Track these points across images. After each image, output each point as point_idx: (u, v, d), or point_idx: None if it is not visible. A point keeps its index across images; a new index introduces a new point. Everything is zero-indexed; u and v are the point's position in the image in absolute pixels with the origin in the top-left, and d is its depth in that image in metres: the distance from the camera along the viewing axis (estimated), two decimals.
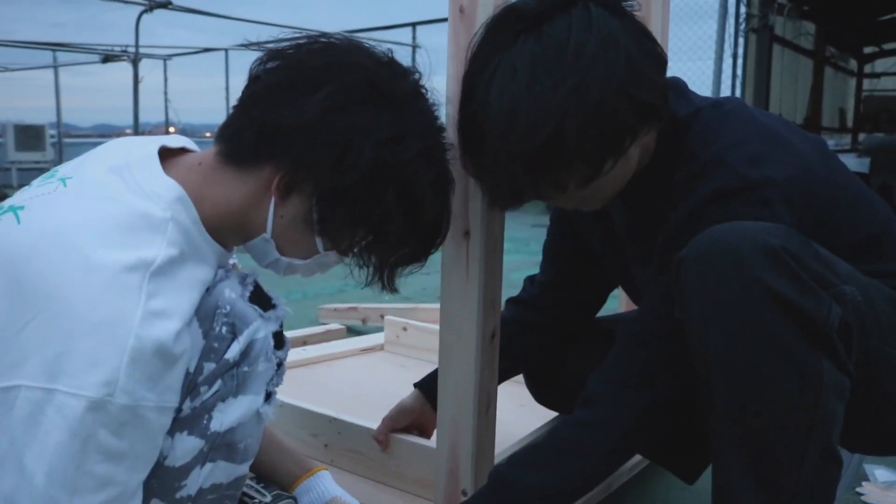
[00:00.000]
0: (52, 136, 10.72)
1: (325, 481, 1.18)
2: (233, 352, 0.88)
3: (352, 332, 2.81)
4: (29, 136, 9.99)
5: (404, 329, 2.25)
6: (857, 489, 1.62)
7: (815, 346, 0.90)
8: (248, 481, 1.16)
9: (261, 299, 0.93)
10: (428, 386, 1.36)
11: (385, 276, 0.97)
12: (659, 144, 1.08)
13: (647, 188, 1.10)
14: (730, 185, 0.99)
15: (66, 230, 0.82)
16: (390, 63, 0.95)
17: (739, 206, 0.97)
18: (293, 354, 2.07)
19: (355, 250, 0.97)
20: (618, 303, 1.97)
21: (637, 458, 1.56)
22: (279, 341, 0.95)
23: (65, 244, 0.81)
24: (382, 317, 2.50)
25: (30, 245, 0.82)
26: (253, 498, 1.13)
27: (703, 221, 0.96)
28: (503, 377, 1.31)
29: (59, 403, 0.75)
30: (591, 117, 0.93)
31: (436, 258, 1.11)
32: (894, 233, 1.12)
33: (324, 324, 2.90)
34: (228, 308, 0.89)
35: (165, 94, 11.91)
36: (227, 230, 0.93)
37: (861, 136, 9.07)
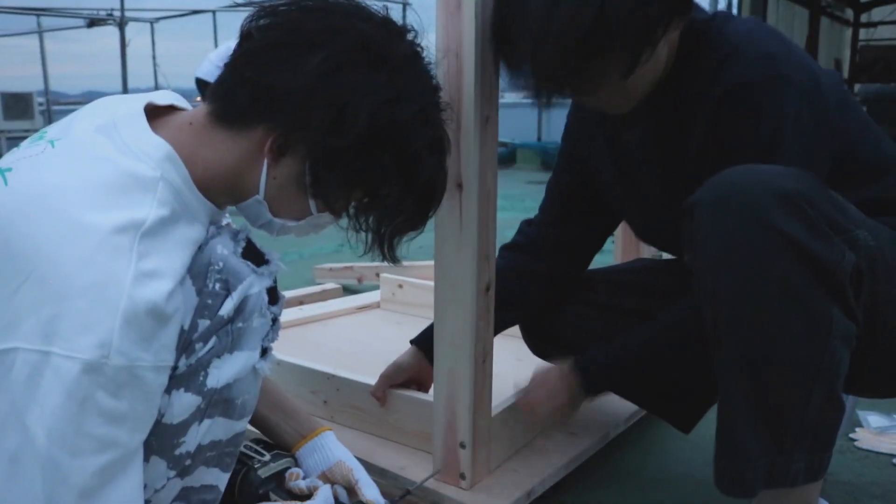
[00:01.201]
0: (41, 104, 10.59)
1: (329, 442, 1.18)
2: (227, 308, 0.88)
3: (348, 291, 2.81)
4: (17, 104, 9.86)
5: (400, 286, 2.25)
6: (851, 435, 1.64)
7: (827, 293, 0.90)
8: (247, 442, 1.17)
9: (253, 255, 0.93)
10: (424, 342, 1.36)
11: (385, 246, 0.96)
12: (680, 48, 1.10)
13: (668, 97, 1.12)
14: (751, 74, 1.03)
15: (54, 192, 0.81)
16: (386, 22, 0.93)
17: (761, 94, 1.02)
18: (290, 314, 2.09)
19: (350, 213, 0.96)
20: (612, 257, 1.98)
21: (633, 408, 1.57)
22: (273, 297, 0.94)
23: (53, 206, 0.80)
24: (378, 275, 2.50)
25: (18, 208, 0.81)
26: (252, 458, 1.13)
27: (728, 110, 1.03)
28: (500, 328, 1.31)
29: (56, 366, 0.75)
30: (634, 2, 0.95)
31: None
32: None
33: (320, 283, 2.91)
34: (221, 264, 0.88)
35: (154, 58, 11.77)
36: (219, 191, 0.92)
37: (857, 87, 8.99)
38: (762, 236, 0.89)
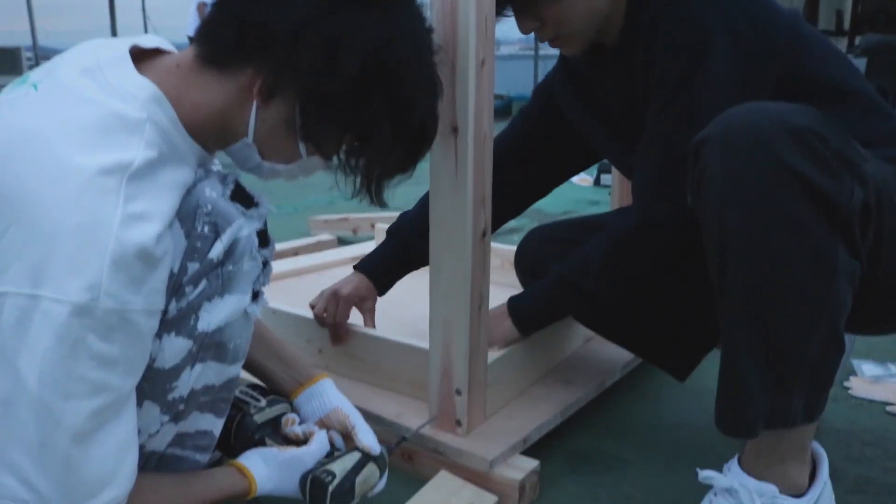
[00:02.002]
0: (29, 59, 10.44)
1: (326, 389, 1.18)
2: (216, 251, 0.86)
3: (343, 242, 2.80)
4: (5, 58, 9.74)
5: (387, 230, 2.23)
6: (845, 383, 1.65)
7: (834, 230, 0.89)
8: (243, 388, 1.17)
9: (242, 198, 0.91)
10: (366, 266, 1.46)
11: (373, 189, 0.94)
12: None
13: (623, 50, 1.20)
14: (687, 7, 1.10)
15: (38, 134, 0.79)
16: None
17: (693, 10, 1.09)
18: (285, 265, 2.07)
19: (341, 156, 0.94)
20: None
21: (629, 357, 1.58)
22: (264, 240, 0.93)
23: (38, 149, 0.78)
24: (373, 226, 2.48)
25: (1, 152, 0.79)
26: (248, 403, 1.13)
27: (663, 23, 1.10)
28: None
29: (45, 309, 0.74)
30: None
31: (424, 167, 1.08)
32: (866, 91, 1.13)
33: (314, 235, 2.89)
34: (210, 207, 0.86)
35: (143, 10, 11.55)
36: (207, 134, 0.90)
37: (858, 40, 8.87)
38: (771, 172, 0.87)
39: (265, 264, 0.93)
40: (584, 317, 1.39)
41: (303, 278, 2.06)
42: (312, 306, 1.45)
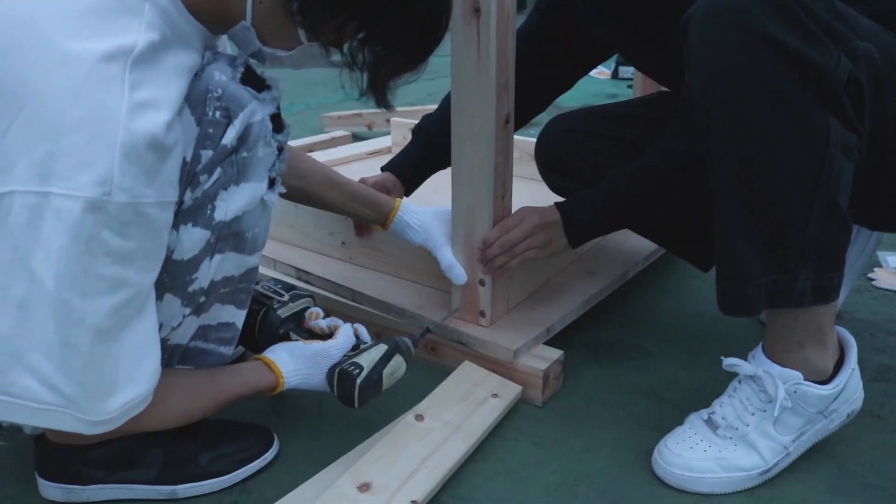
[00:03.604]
0: None
1: (407, 214, 1.27)
2: (229, 137, 0.83)
3: (357, 138, 2.74)
4: None
5: (411, 130, 2.17)
6: (869, 275, 1.63)
7: (821, 100, 0.86)
8: (265, 282, 1.16)
9: (253, 81, 0.86)
10: (395, 168, 1.43)
11: (379, 86, 0.88)
12: None
13: None
14: None
15: (33, 21, 0.73)
16: None
17: None
18: None
19: (346, 52, 0.87)
20: None
21: (651, 247, 1.55)
22: (278, 125, 0.89)
23: (34, 37, 0.73)
24: (388, 121, 2.43)
25: None
26: (271, 298, 1.12)
27: None
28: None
29: (56, 207, 0.71)
30: None
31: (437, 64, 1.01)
32: None
33: (328, 132, 2.84)
34: (220, 91, 0.82)
35: None
36: (206, 15, 0.84)
37: None
38: (752, 44, 0.84)
39: (280, 150, 0.90)
40: None
41: None
42: None
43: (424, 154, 1.42)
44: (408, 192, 1.43)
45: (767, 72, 0.84)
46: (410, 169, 1.43)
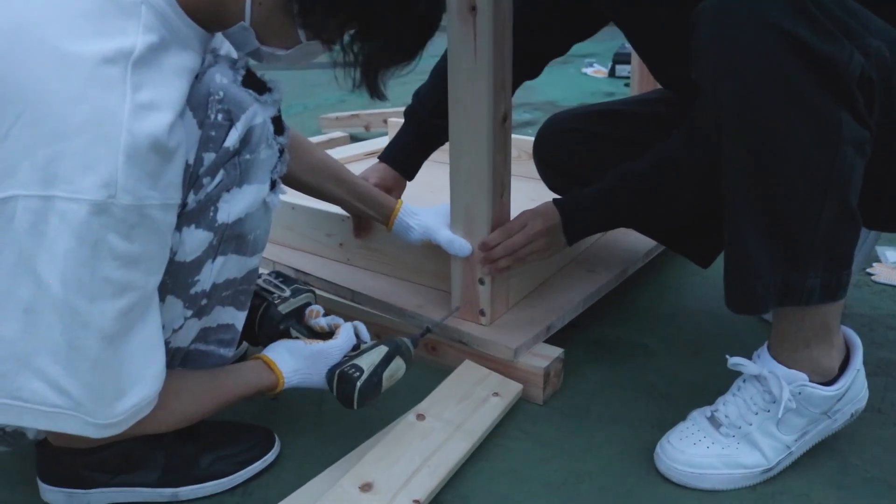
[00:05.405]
0: None
1: (407, 215, 1.28)
2: (232, 139, 0.83)
3: (355, 139, 2.74)
4: None
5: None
6: (868, 270, 1.63)
7: (834, 96, 0.85)
8: (266, 276, 1.15)
9: (254, 83, 0.86)
10: (390, 157, 1.42)
11: (372, 77, 0.89)
12: None
13: None
14: None
15: (30, 24, 0.73)
16: None
17: None
18: None
19: (342, 44, 0.88)
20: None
21: (651, 244, 1.55)
22: (279, 127, 0.89)
23: (32, 39, 0.72)
24: (385, 121, 2.42)
25: None
26: (272, 293, 1.12)
27: None
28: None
29: (61, 210, 0.71)
30: None
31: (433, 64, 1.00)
32: None
33: (326, 133, 2.83)
34: (222, 94, 0.82)
35: None
36: (203, 16, 0.84)
37: None
38: (764, 38, 0.83)
39: (282, 152, 0.90)
40: None
41: None
42: None
43: (419, 136, 1.42)
44: (409, 178, 1.44)
45: (780, 65, 0.83)
46: (406, 155, 1.43)
